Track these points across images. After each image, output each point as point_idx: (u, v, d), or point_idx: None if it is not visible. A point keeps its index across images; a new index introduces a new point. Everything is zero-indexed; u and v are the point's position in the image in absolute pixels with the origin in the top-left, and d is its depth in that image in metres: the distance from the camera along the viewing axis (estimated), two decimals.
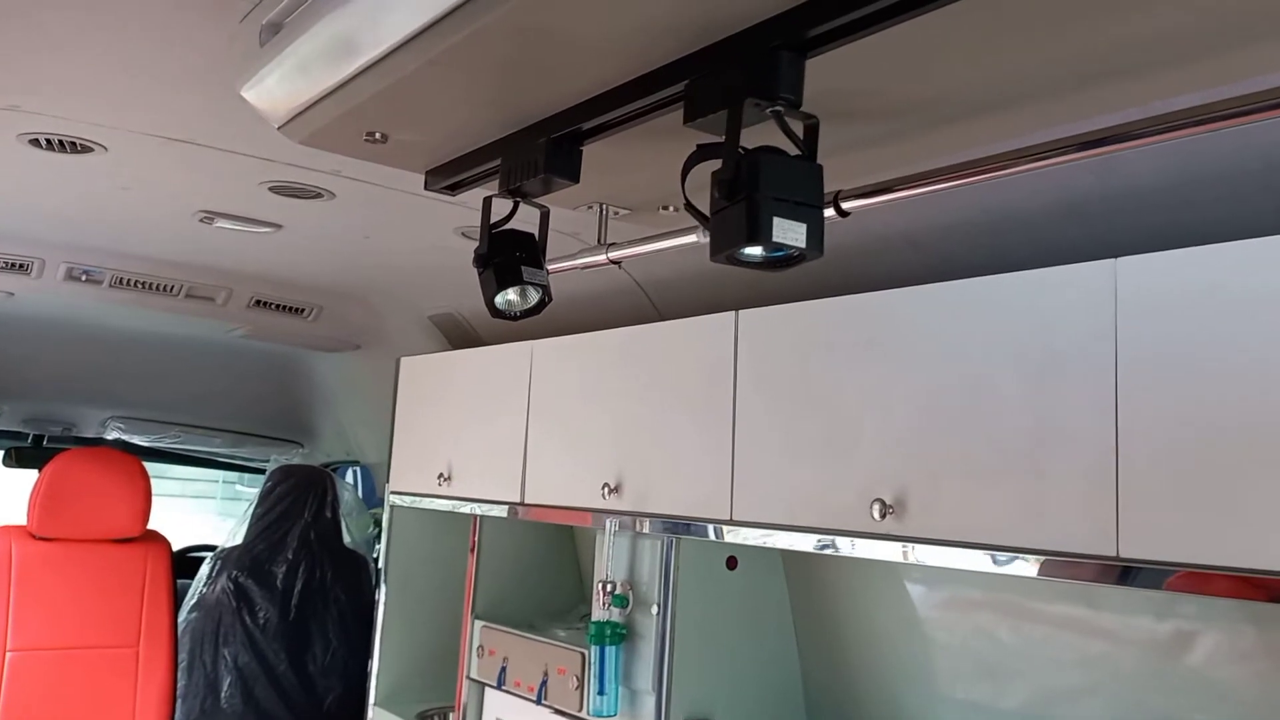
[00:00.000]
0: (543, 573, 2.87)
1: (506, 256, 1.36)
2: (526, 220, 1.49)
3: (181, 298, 3.15)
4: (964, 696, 1.99)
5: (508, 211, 1.40)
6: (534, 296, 1.39)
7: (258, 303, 3.24)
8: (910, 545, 1.70)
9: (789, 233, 0.94)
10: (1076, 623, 1.84)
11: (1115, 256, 1.46)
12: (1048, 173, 1.62)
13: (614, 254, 1.60)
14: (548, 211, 1.44)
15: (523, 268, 1.35)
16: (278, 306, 3.27)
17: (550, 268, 1.62)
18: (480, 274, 1.37)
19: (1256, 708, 1.61)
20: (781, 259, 1.03)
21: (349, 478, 4.51)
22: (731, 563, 2.21)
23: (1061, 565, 1.50)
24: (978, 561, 1.60)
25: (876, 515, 1.72)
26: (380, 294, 3.21)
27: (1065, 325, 1.53)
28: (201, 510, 9.25)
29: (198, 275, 3.06)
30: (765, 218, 0.93)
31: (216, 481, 10.12)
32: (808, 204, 0.97)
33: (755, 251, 1.01)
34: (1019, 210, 1.70)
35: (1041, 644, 1.89)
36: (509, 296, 1.37)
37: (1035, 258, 1.60)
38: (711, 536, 2.06)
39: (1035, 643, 1.89)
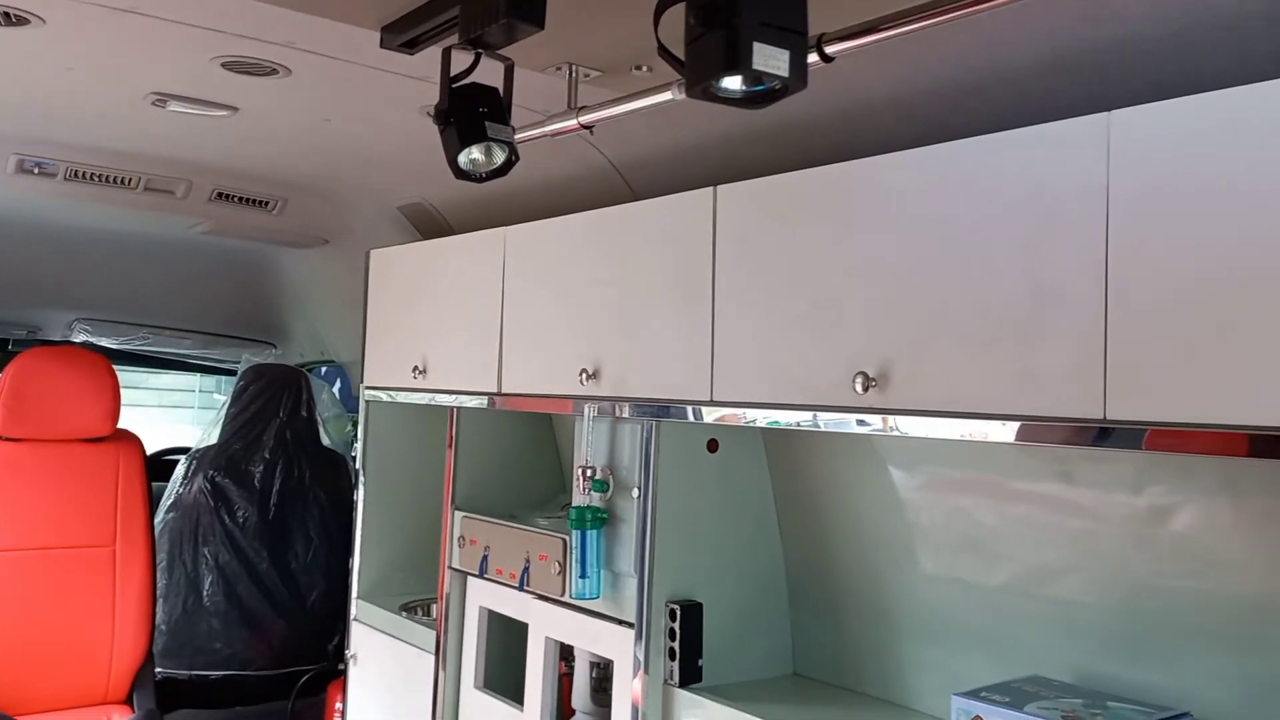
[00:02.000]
0: (522, 464, 2.84)
1: (469, 111, 1.28)
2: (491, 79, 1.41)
3: (140, 191, 3.04)
4: (946, 575, 1.99)
5: (469, 65, 1.31)
6: (500, 155, 1.31)
7: (219, 195, 3.13)
8: (893, 417, 1.67)
9: (771, 60, 0.87)
10: (1056, 502, 1.82)
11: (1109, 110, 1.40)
12: (1037, 25, 1.55)
13: (585, 118, 1.52)
14: (512, 65, 1.36)
15: (487, 123, 1.27)
16: (240, 199, 3.16)
17: (519, 137, 1.54)
18: (441, 131, 1.29)
19: (1231, 574, 1.61)
20: (762, 93, 0.95)
21: (335, 383, 4.46)
22: (712, 445, 2.18)
23: (1047, 430, 1.47)
24: (960, 430, 1.57)
25: (859, 389, 1.69)
26: (346, 185, 3.11)
27: (1057, 185, 1.46)
28: (178, 420, 9.18)
29: (155, 166, 2.95)
30: (745, 43, 0.86)
31: (193, 391, 10.04)
32: (791, 29, 0.89)
33: (734, 83, 0.94)
34: (1007, 68, 1.63)
35: (1022, 523, 1.87)
36: (473, 155, 1.29)
37: (1026, 118, 1.53)
38: (691, 418, 2.02)
39: (1016, 522, 1.88)
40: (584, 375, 2.24)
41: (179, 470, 3.68)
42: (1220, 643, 1.59)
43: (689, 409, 2.02)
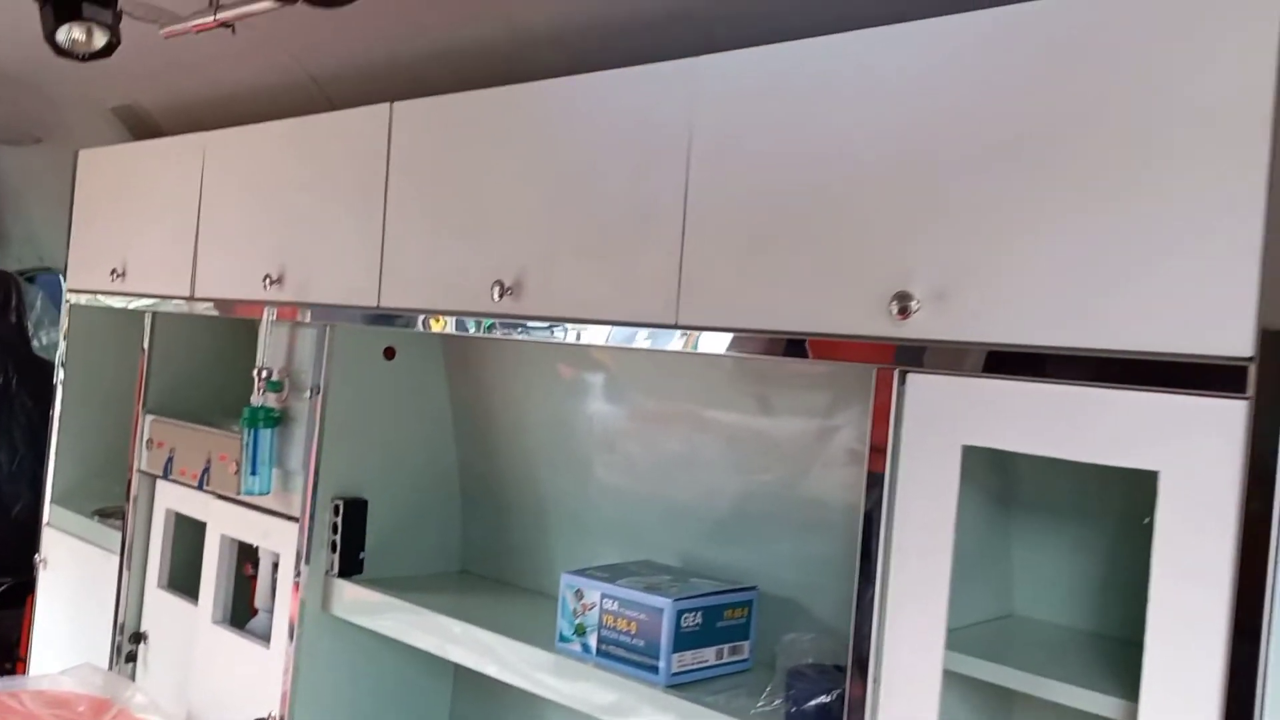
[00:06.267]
0: (218, 370, 2.85)
1: None
2: None
3: None
4: (592, 480, 2.16)
5: None
6: (101, 38, 1.36)
7: None
8: (523, 323, 1.82)
9: None
10: (682, 414, 2.01)
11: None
12: None
13: (223, 15, 1.58)
14: None
15: (84, 4, 1.32)
16: None
17: (167, 30, 1.59)
18: (40, 9, 1.33)
19: (797, 476, 1.84)
20: None
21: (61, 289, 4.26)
22: (389, 353, 2.28)
23: (653, 334, 1.66)
24: (576, 335, 1.74)
25: (496, 296, 1.83)
26: (56, 79, 3.00)
27: (657, 116, 1.65)
28: None
29: None
30: None
31: None
32: None
33: None
34: (641, 12, 1.79)
35: (653, 433, 2.05)
36: (73, 34, 1.34)
37: (671, 55, 1.68)
38: (359, 322, 2.12)
39: (656, 434, 2.07)
40: (268, 280, 2.30)
41: None
42: (786, 531, 1.84)
43: (358, 314, 2.12)
